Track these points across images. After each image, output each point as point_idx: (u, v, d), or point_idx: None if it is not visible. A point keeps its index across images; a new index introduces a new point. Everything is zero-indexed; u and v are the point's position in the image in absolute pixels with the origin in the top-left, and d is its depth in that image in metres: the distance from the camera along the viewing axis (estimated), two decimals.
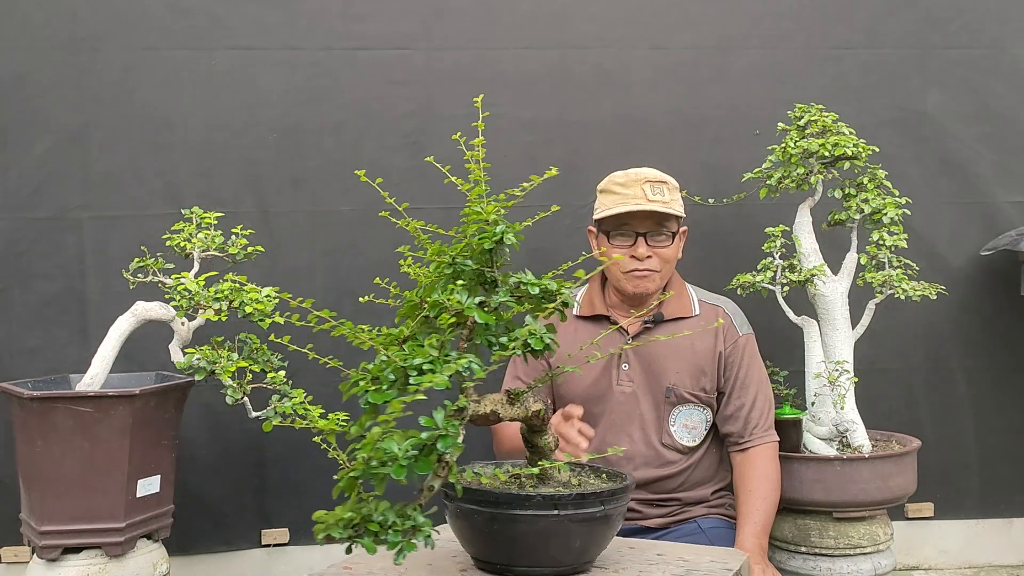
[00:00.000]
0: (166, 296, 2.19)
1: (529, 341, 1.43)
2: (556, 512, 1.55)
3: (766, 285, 2.46)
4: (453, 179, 1.58)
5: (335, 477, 1.26)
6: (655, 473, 2.30)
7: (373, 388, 1.31)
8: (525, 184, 1.58)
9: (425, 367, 1.32)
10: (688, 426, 2.34)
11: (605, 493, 1.62)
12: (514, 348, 1.43)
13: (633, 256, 2.28)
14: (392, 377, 1.32)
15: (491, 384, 1.76)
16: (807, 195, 2.53)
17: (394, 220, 1.65)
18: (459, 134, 1.59)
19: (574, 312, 2.39)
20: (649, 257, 2.28)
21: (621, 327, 2.33)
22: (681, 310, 2.36)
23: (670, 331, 2.32)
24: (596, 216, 2.36)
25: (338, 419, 1.62)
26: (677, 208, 2.31)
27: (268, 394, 2.13)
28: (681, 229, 2.36)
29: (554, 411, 2.45)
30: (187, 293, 2.12)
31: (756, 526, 2.21)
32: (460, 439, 1.30)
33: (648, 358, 2.33)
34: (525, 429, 1.63)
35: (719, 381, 2.34)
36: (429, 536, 1.27)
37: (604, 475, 1.83)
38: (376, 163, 2.80)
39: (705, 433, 2.36)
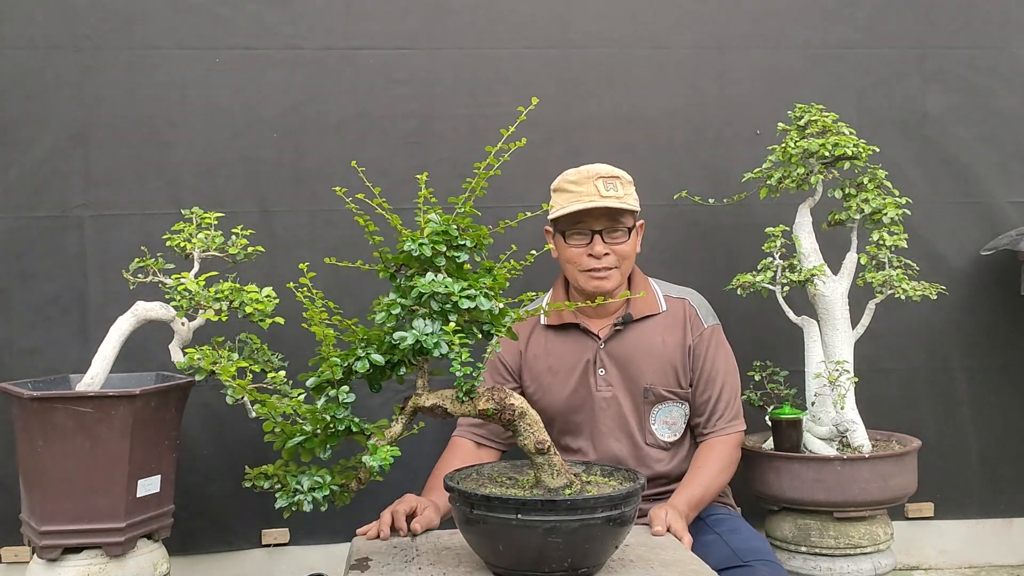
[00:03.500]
0: (166, 296, 2.19)
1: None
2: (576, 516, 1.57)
3: (766, 285, 2.46)
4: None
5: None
6: (642, 471, 2.29)
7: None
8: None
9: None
10: (668, 422, 2.35)
11: (620, 496, 1.63)
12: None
13: (590, 255, 2.27)
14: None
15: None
16: (807, 195, 2.54)
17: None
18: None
19: (541, 322, 2.38)
20: (607, 254, 2.27)
21: (592, 333, 2.34)
22: (648, 308, 2.35)
23: (640, 330, 2.33)
24: (551, 216, 2.32)
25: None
26: (632, 202, 2.30)
27: (268, 394, 2.13)
28: (638, 223, 2.35)
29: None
30: (187, 293, 2.12)
31: (692, 497, 2.18)
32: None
33: (623, 360, 2.32)
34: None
35: (691, 375, 2.35)
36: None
37: (609, 470, 1.84)
38: (377, 163, 2.80)
39: (684, 426, 2.37)
